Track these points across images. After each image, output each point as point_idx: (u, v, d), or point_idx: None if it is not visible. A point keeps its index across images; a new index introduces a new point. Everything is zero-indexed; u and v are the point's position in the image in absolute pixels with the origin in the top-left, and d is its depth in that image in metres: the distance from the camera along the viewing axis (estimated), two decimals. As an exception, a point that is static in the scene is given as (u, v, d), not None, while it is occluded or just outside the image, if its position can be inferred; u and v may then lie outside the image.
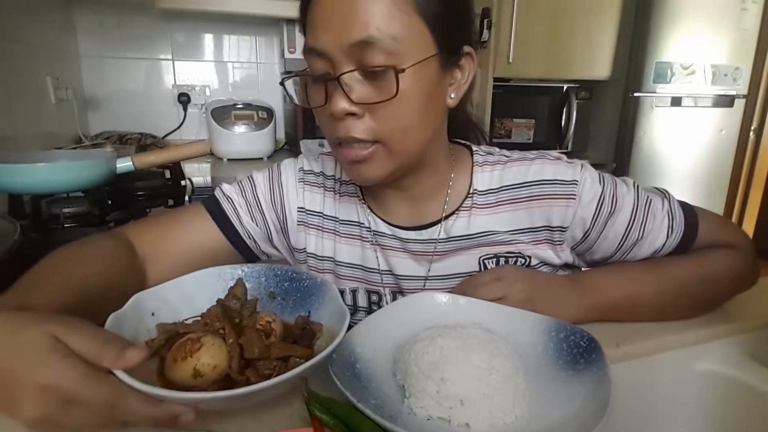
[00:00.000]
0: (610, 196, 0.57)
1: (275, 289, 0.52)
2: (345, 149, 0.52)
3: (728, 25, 1.98)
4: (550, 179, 0.58)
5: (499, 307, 0.51)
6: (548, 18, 1.88)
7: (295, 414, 0.40)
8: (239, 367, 0.40)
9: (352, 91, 0.48)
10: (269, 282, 0.52)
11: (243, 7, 1.68)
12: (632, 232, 0.57)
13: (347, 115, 0.49)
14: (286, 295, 0.51)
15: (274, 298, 0.52)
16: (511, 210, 0.60)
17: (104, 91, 1.89)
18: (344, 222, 0.66)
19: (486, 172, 0.61)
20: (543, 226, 0.59)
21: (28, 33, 1.41)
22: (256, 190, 0.66)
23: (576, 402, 0.39)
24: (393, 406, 0.39)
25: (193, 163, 1.43)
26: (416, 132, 0.52)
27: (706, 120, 2.06)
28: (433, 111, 0.54)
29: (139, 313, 0.44)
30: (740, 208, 2.19)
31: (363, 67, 0.48)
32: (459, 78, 0.55)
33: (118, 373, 0.33)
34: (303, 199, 0.66)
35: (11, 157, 0.92)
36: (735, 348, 0.57)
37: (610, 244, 0.58)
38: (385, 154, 0.52)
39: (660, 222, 0.58)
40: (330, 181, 0.67)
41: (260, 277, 0.52)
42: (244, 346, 0.41)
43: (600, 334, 0.45)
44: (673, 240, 0.59)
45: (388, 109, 0.49)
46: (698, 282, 0.57)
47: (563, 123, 2.06)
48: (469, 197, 0.61)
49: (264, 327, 0.44)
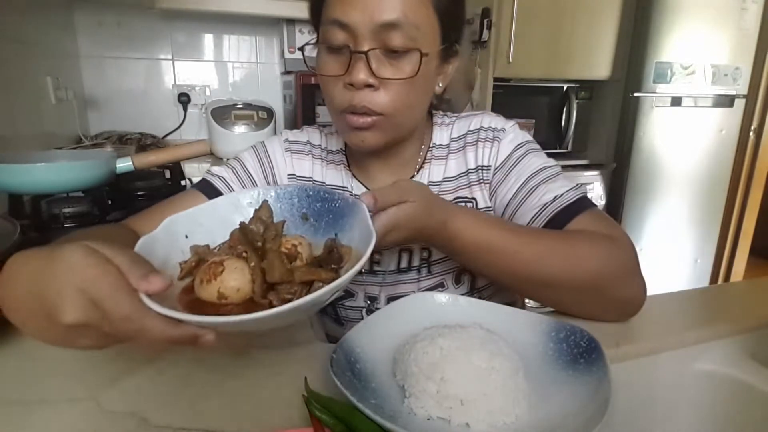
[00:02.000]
0: (525, 149, 0.65)
1: (307, 210, 0.49)
2: (352, 116, 0.57)
3: (728, 25, 1.98)
4: (486, 127, 0.67)
5: (499, 307, 0.51)
6: (548, 18, 1.87)
7: (295, 414, 0.40)
8: (262, 291, 0.38)
9: (374, 66, 0.54)
10: (302, 203, 0.49)
11: (243, 7, 1.68)
12: (532, 180, 0.62)
13: (365, 86, 0.55)
14: (318, 216, 0.48)
15: (306, 219, 0.49)
16: (456, 158, 0.68)
17: (104, 91, 1.89)
18: (330, 186, 0.70)
19: (442, 130, 0.70)
20: (477, 167, 0.67)
21: (28, 33, 1.41)
22: (246, 166, 0.69)
23: (576, 402, 0.39)
24: (393, 406, 0.39)
25: (193, 163, 1.43)
26: (415, 110, 0.61)
27: (706, 120, 2.06)
28: (428, 94, 0.62)
29: (172, 235, 0.44)
30: (740, 208, 2.19)
31: (385, 47, 0.54)
32: (446, 71, 0.63)
33: (140, 294, 0.33)
34: (292, 166, 0.71)
35: (11, 157, 0.92)
36: (735, 348, 0.57)
37: (510, 187, 0.63)
38: (386, 125, 0.58)
39: (558, 185, 0.61)
40: (317, 150, 0.72)
41: (292, 198, 0.49)
42: (266, 269, 0.39)
43: (600, 334, 0.45)
44: (562, 200, 0.59)
45: (400, 87, 0.56)
46: (562, 243, 0.54)
47: (563, 123, 2.06)
48: (429, 151, 0.69)
49: (290, 251, 0.42)
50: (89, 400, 0.42)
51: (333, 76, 0.56)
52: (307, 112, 1.80)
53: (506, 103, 1.94)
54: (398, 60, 0.55)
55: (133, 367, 0.47)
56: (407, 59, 0.55)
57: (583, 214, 0.58)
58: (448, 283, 0.67)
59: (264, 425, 0.39)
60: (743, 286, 0.93)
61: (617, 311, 0.57)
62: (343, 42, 0.55)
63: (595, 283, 0.53)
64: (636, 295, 0.56)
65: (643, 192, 2.03)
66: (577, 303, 0.56)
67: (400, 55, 0.54)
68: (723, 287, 1.23)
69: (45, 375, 0.46)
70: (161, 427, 0.39)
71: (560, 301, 0.57)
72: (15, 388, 0.44)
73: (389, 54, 0.54)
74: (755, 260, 2.40)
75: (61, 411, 0.41)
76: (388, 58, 0.55)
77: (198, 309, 0.37)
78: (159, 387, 0.44)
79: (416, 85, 0.56)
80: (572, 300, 0.56)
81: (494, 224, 0.54)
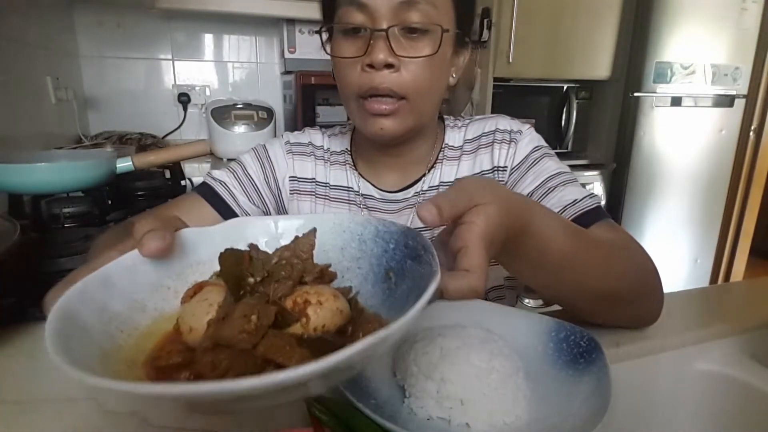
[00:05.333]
0: (542, 152, 0.64)
1: (396, 266, 0.33)
2: (373, 102, 0.56)
3: (728, 25, 1.98)
4: (502, 129, 0.67)
5: (499, 307, 0.51)
6: (548, 18, 1.88)
7: (295, 414, 0.40)
8: (206, 341, 0.27)
9: (394, 45, 0.53)
10: (396, 253, 0.33)
11: (243, 7, 1.68)
12: (549, 182, 0.61)
13: (384, 67, 0.54)
14: (401, 277, 0.32)
15: (388, 278, 0.33)
16: (470, 159, 0.68)
17: (104, 91, 1.89)
18: (334, 187, 0.69)
19: (455, 132, 0.70)
20: (493, 167, 0.66)
21: (28, 33, 1.41)
22: (247, 170, 0.68)
23: (576, 402, 0.39)
24: (393, 406, 0.39)
25: (193, 163, 1.43)
26: (435, 94, 0.60)
27: (706, 120, 2.06)
28: (444, 81, 0.61)
29: (234, 238, 0.34)
30: (740, 208, 2.18)
31: (405, 24, 0.53)
32: (458, 63, 0.63)
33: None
34: (293, 168, 0.69)
35: (11, 157, 0.92)
36: (735, 348, 0.57)
37: (526, 187, 0.62)
38: (408, 110, 0.57)
39: (576, 190, 0.59)
40: (319, 150, 0.71)
41: (389, 242, 0.34)
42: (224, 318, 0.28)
43: (600, 334, 0.45)
44: (582, 204, 0.57)
45: (420, 66, 0.55)
46: (608, 249, 0.49)
47: (563, 123, 2.06)
48: (441, 151, 0.68)
49: (294, 307, 0.29)
50: (89, 400, 0.42)
51: (352, 58, 0.55)
52: (307, 112, 1.80)
53: (506, 103, 1.93)
54: (417, 40, 0.54)
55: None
56: (427, 38, 0.54)
57: (599, 223, 0.56)
58: None
59: (264, 425, 0.39)
60: (743, 286, 0.93)
61: (637, 322, 0.56)
62: (361, 23, 0.54)
63: (632, 297, 0.51)
64: (657, 308, 0.55)
65: (643, 192, 2.03)
66: (605, 314, 0.52)
67: (419, 35, 0.54)
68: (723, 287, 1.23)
69: (45, 375, 0.46)
70: (161, 427, 0.39)
71: (591, 312, 0.51)
72: (15, 388, 0.44)
73: (408, 34, 0.54)
74: (755, 260, 2.40)
75: (61, 411, 0.41)
76: (406, 38, 0.54)
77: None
78: (159, 387, 0.44)
79: (436, 65, 0.56)
80: (603, 312, 0.52)
81: (569, 229, 0.44)
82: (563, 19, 1.89)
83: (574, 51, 1.95)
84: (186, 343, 0.28)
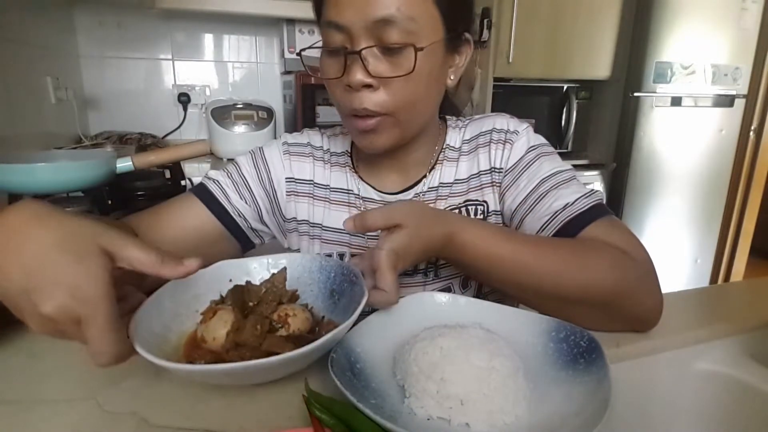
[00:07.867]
0: (538, 152, 0.64)
1: (337, 288, 0.51)
2: (358, 120, 0.56)
3: (728, 25, 1.98)
4: (499, 128, 0.66)
5: (499, 307, 0.51)
6: (548, 18, 1.88)
7: (295, 414, 0.40)
8: (230, 345, 0.42)
9: (370, 65, 0.53)
10: (336, 279, 0.51)
11: (243, 7, 1.68)
12: (543, 185, 0.60)
13: (363, 87, 0.54)
14: (341, 295, 0.50)
15: (332, 295, 0.51)
16: (468, 159, 0.68)
17: (104, 91, 1.89)
18: (335, 189, 0.69)
19: (456, 133, 0.70)
20: (490, 168, 0.66)
21: (28, 33, 1.41)
22: (241, 170, 0.68)
23: (576, 402, 0.39)
24: (393, 406, 0.39)
25: (193, 163, 1.43)
26: (422, 106, 0.59)
27: (706, 120, 2.06)
28: (436, 88, 0.60)
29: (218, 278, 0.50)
30: (740, 208, 2.19)
31: (381, 44, 0.53)
32: (458, 62, 0.61)
33: (138, 347, 0.36)
34: (290, 169, 0.69)
35: (11, 157, 0.92)
36: (735, 348, 0.57)
37: (520, 191, 0.62)
38: (392, 124, 0.57)
39: (570, 191, 0.59)
40: (319, 151, 0.71)
41: (331, 272, 0.52)
42: (239, 328, 0.43)
43: (600, 334, 0.45)
44: (574, 208, 0.56)
45: (400, 83, 0.54)
46: (575, 257, 0.51)
47: (563, 123, 2.06)
48: (442, 152, 0.68)
49: (279, 319, 0.45)
50: (89, 400, 0.42)
51: (334, 79, 0.56)
52: (307, 112, 1.80)
53: (506, 103, 1.94)
54: (395, 56, 0.53)
55: (133, 367, 0.47)
56: (404, 55, 0.53)
57: (596, 223, 0.55)
58: (456, 287, 0.66)
59: (264, 425, 0.39)
60: (743, 286, 0.93)
61: (630, 327, 0.54)
62: (340, 43, 0.54)
63: (608, 300, 0.50)
64: (650, 313, 0.53)
65: (643, 192, 2.03)
66: (589, 318, 0.52)
67: (396, 52, 0.53)
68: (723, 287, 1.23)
69: (45, 375, 0.46)
70: (161, 427, 0.39)
71: (572, 316, 0.50)
72: (15, 388, 0.44)
73: (386, 51, 0.53)
74: (755, 260, 2.40)
75: (61, 411, 0.41)
76: (385, 55, 0.53)
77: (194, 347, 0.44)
78: (159, 387, 0.44)
79: (417, 80, 0.54)
80: (583, 315, 0.51)
81: (506, 236, 0.51)
82: (563, 19, 1.89)
83: (574, 51, 1.95)
84: (209, 349, 0.43)
